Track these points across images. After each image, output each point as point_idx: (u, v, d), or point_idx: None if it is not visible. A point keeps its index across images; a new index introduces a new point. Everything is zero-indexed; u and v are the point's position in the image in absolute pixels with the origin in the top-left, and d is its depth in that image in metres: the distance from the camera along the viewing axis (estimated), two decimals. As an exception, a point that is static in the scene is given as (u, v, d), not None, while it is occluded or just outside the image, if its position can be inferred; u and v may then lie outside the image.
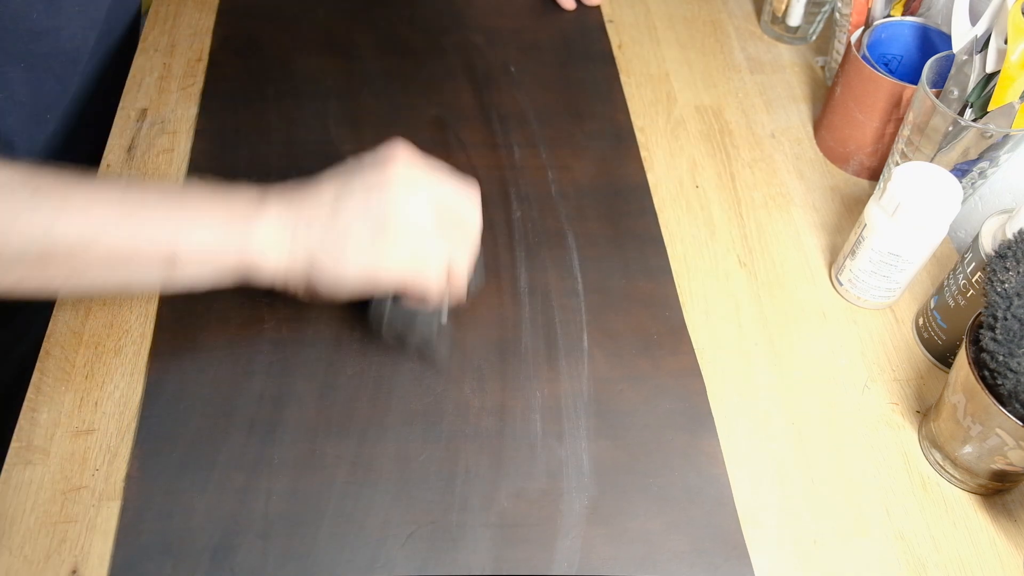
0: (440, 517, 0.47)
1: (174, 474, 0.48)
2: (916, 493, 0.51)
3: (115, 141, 0.64)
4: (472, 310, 0.56)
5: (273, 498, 0.47)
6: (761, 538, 0.48)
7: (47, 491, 0.47)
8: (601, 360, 0.54)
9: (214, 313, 0.54)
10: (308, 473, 0.48)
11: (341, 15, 0.75)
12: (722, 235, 0.63)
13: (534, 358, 0.54)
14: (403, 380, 0.52)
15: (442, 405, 0.52)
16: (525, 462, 0.49)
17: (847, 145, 0.67)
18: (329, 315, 0.55)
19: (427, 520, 0.47)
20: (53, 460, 0.48)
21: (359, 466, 0.49)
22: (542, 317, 0.56)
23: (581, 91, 0.71)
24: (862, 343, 0.57)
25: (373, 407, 0.51)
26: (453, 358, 0.53)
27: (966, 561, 0.48)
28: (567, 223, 0.61)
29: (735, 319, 0.58)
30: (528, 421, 0.51)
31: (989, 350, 0.44)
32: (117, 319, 0.54)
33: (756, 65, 0.76)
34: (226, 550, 0.45)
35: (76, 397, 0.51)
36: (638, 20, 0.80)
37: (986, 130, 0.54)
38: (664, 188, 0.65)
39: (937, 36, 0.64)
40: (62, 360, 0.52)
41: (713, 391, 0.54)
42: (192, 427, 0.50)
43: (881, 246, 0.54)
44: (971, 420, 0.46)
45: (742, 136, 0.70)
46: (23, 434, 0.49)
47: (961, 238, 0.65)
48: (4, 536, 0.45)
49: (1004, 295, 0.44)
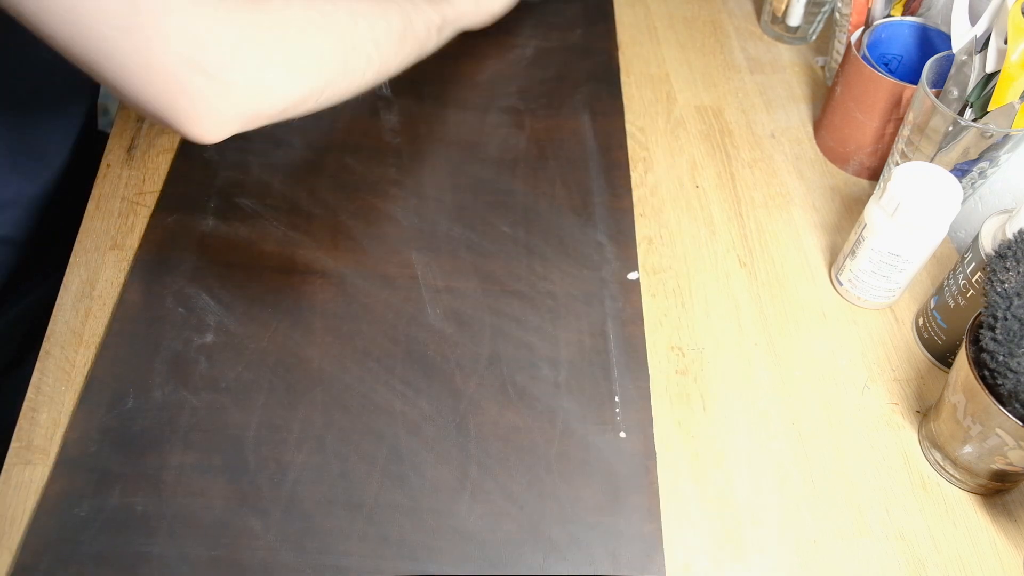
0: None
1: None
2: (916, 493, 0.51)
3: (115, 141, 0.64)
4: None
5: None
6: (761, 538, 0.48)
7: (47, 491, 0.47)
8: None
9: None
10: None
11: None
12: (722, 235, 0.63)
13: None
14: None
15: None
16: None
17: (847, 145, 0.67)
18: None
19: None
20: (53, 460, 0.48)
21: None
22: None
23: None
24: (862, 343, 0.57)
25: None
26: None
27: (966, 561, 0.48)
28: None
29: (735, 319, 0.58)
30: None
31: (989, 350, 0.44)
32: (117, 319, 0.54)
33: (756, 65, 0.76)
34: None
35: (76, 397, 0.51)
36: (638, 20, 0.80)
37: (986, 130, 0.54)
38: (664, 188, 0.65)
39: (937, 36, 0.64)
40: (62, 360, 0.52)
41: (713, 391, 0.54)
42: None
43: (881, 246, 0.54)
44: (971, 420, 0.46)
45: (742, 136, 0.70)
46: (23, 434, 0.49)
47: (961, 238, 0.65)
48: (4, 536, 0.45)
49: (1004, 295, 0.44)
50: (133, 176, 0.62)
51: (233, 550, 0.45)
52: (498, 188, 0.63)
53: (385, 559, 0.45)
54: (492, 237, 0.60)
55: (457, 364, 0.53)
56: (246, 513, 0.47)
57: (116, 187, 0.61)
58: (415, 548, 0.46)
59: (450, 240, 0.60)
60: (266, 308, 0.55)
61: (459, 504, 0.48)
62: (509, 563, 0.46)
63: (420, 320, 0.55)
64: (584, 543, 0.47)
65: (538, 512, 0.48)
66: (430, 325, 0.55)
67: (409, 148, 0.66)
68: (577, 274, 0.59)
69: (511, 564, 0.46)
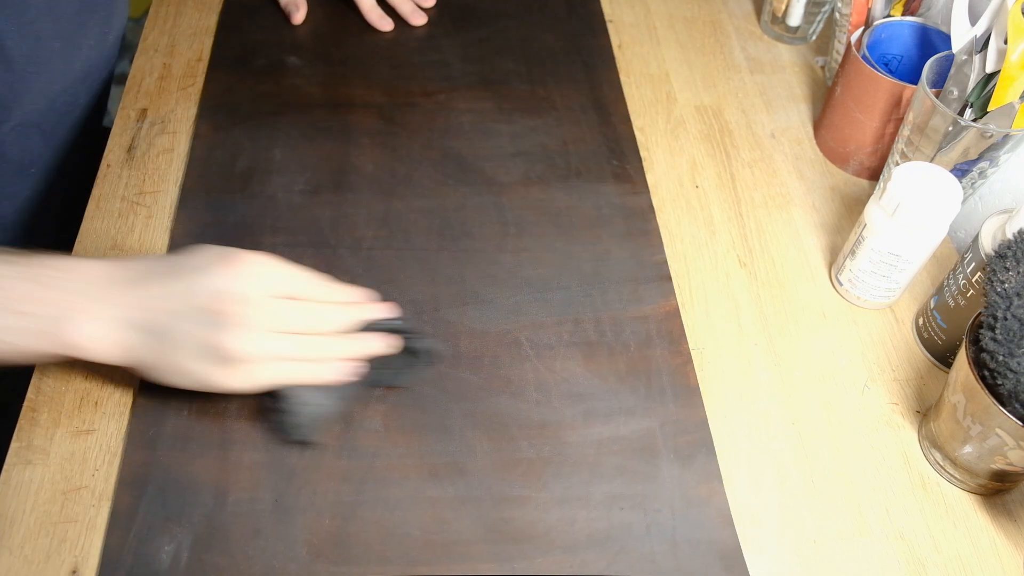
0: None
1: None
2: (916, 493, 0.51)
3: (115, 141, 0.64)
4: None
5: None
6: (761, 538, 0.48)
7: (47, 491, 0.47)
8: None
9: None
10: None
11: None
12: (722, 235, 0.63)
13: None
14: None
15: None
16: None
17: (847, 145, 0.67)
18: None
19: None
20: (53, 460, 0.48)
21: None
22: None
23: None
24: (862, 343, 0.57)
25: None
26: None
27: (966, 561, 0.48)
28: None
29: (735, 319, 0.58)
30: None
31: (989, 350, 0.44)
32: (117, 319, 0.54)
33: (756, 65, 0.76)
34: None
35: (76, 397, 0.51)
36: (638, 20, 0.80)
37: (986, 130, 0.54)
38: (664, 188, 0.65)
39: (937, 36, 0.64)
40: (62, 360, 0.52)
41: (713, 391, 0.54)
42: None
43: (881, 246, 0.54)
44: (971, 420, 0.46)
45: (742, 136, 0.70)
46: (23, 434, 0.49)
47: (961, 238, 0.65)
48: (4, 536, 0.45)
49: (1004, 295, 0.44)
50: (133, 176, 0.62)
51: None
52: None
53: (442, 298, 0.56)
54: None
55: (487, 159, 0.65)
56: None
57: (116, 187, 0.61)
58: (465, 292, 0.57)
59: (466, 75, 0.71)
60: (319, 133, 0.65)
61: (503, 253, 0.59)
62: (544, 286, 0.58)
63: (449, 132, 0.67)
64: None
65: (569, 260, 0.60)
66: (457, 135, 0.66)
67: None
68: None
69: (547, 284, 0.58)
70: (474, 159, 0.65)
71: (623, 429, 0.51)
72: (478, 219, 0.61)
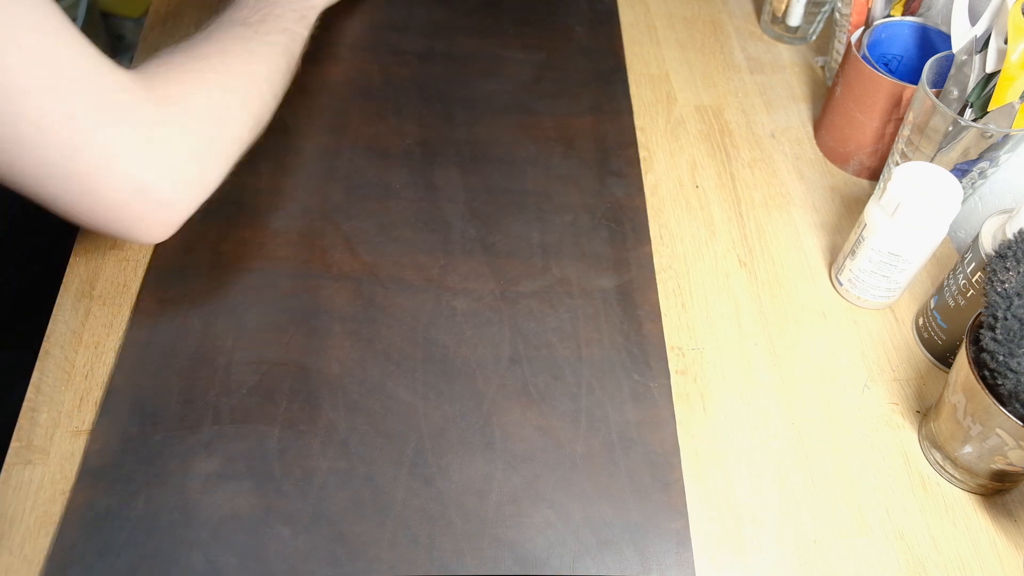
0: None
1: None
2: (916, 493, 0.51)
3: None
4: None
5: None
6: (761, 538, 0.48)
7: (47, 491, 0.47)
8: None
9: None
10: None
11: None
12: (722, 235, 0.63)
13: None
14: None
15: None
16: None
17: (847, 145, 0.67)
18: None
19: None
20: (53, 460, 0.48)
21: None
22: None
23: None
24: (862, 343, 0.57)
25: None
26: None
27: (966, 561, 0.48)
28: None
29: (735, 319, 0.58)
30: None
31: (989, 350, 0.44)
32: (117, 319, 0.54)
33: (756, 65, 0.76)
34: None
35: (76, 397, 0.51)
36: (638, 20, 0.80)
37: (986, 130, 0.54)
38: (664, 188, 0.65)
39: (937, 36, 0.64)
40: (62, 360, 0.52)
41: (713, 391, 0.54)
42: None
43: (881, 246, 0.54)
44: (971, 420, 0.46)
45: (742, 136, 0.70)
46: (23, 434, 0.49)
47: (961, 238, 0.65)
48: (4, 536, 0.45)
49: (1004, 295, 0.44)
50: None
51: (262, 560, 0.45)
52: (511, 189, 0.63)
53: (417, 565, 0.45)
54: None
55: (478, 365, 0.53)
56: (273, 520, 0.46)
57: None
58: (444, 553, 0.46)
59: (465, 242, 0.60)
60: (283, 313, 0.55)
61: (486, 507, 0.48)
62: (539, 563, 0.46)
63: (438, 322, 0.55)
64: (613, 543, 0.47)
65: (567, 511, 0.48)
66: (448, 327, 0.55)
67: (420, 151, 0.65)
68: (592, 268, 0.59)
69: (541, 565, 0.46)
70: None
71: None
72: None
